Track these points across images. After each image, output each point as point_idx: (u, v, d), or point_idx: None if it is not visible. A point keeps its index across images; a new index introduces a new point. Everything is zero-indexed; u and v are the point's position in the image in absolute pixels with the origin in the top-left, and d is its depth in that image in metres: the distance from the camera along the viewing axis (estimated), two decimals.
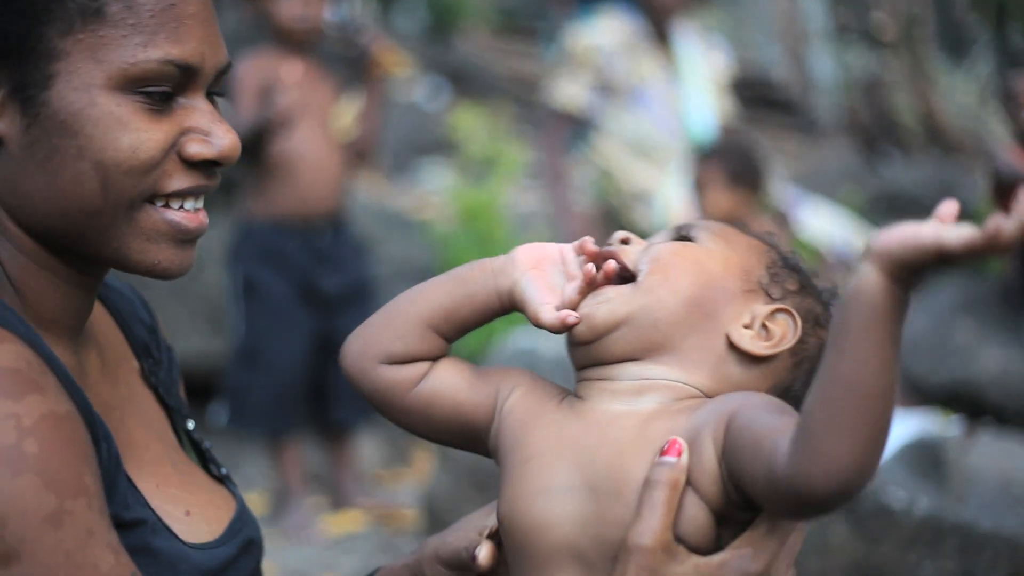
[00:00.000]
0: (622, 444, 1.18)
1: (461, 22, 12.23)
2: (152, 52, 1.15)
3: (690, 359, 1.23)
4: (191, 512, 1.24)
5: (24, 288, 1.19)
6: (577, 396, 1.24)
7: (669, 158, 4.84)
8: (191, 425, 1.37)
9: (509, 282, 1.24)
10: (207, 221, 1.23)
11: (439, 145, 8.01)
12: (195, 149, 1.18)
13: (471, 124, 4.80)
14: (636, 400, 1.21)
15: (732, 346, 1.24)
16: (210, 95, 1.21)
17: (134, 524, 1.16)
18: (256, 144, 3.38)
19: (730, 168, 4.25)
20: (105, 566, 1.06)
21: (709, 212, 4.10)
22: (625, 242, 1.27)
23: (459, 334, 1.27)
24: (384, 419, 4.01)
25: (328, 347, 3.57)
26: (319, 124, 3.62)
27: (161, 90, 1.16)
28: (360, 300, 3.64)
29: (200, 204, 1.22)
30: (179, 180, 1.18)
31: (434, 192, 6.82)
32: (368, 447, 4.07)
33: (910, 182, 6.26)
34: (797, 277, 1.30)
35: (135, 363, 1.33)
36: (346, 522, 3.67)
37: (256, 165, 3.49)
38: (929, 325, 4.96)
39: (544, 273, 1.25)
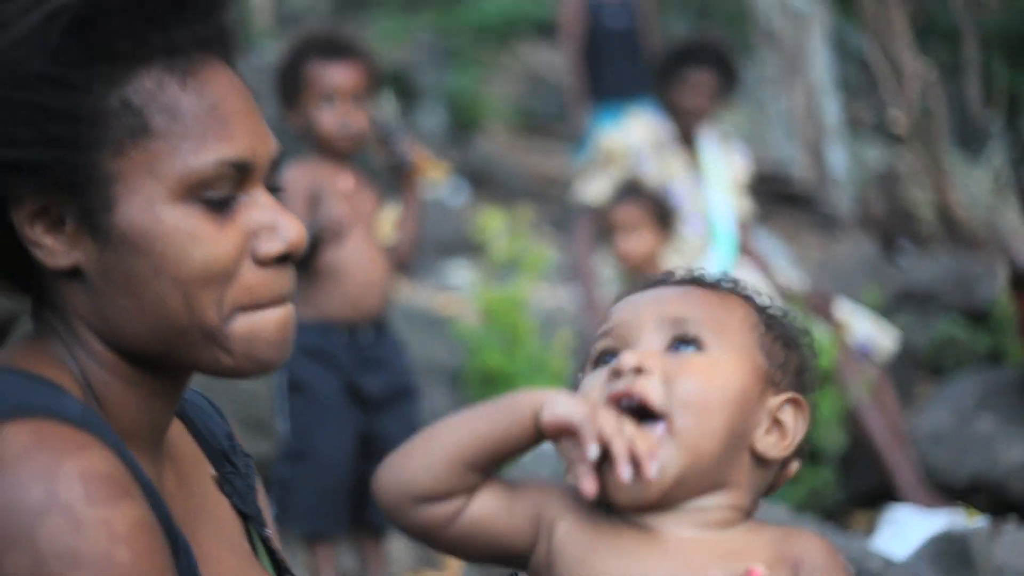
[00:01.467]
0: (707, 569, 1.19)
1: (481, 121, 12.39)
2: (204, 156, 1.14)
3: (733, 482, 1.23)
4: None
5: (107, 402, 1.19)
6: (636, 523, 1.23)
7: (695, 255, 4.94)
8: (268, 533, 1.36)
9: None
10: (294, 314, 1.23)
11: (462, 243, 8.09)
12: (267, 248, 1.17)
13: (494, 222, 4.89)
14: (704, 529, 1.22)
15: (756, 455, 1.26)
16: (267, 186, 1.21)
17: None
18: (308, 252, 3.45)
19: (655, 208, 4.39)
20: None
21: (638, 252, 4.27)
22: (639, 370, 1.23)
23: (496, 468, 1.24)
24: None
25: (369, 447, 3.63)
26: (365, 231, 3.68)
27: (222, 195, 1.16)
28: (402, 401, 3.69)
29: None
30: (259, 286, 1.18)
31: (459, 291, 6.89)
32: (399, 548, 4.08)
33: (928, 276, 6.30)
34: (782, 335, 1.30)
35: (210, 471, 1.32)
36: None
37: (305, 270, 3.56)
38: (950, 418, 4.96)
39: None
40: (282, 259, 1.18)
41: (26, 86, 1.09)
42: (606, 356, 1.28)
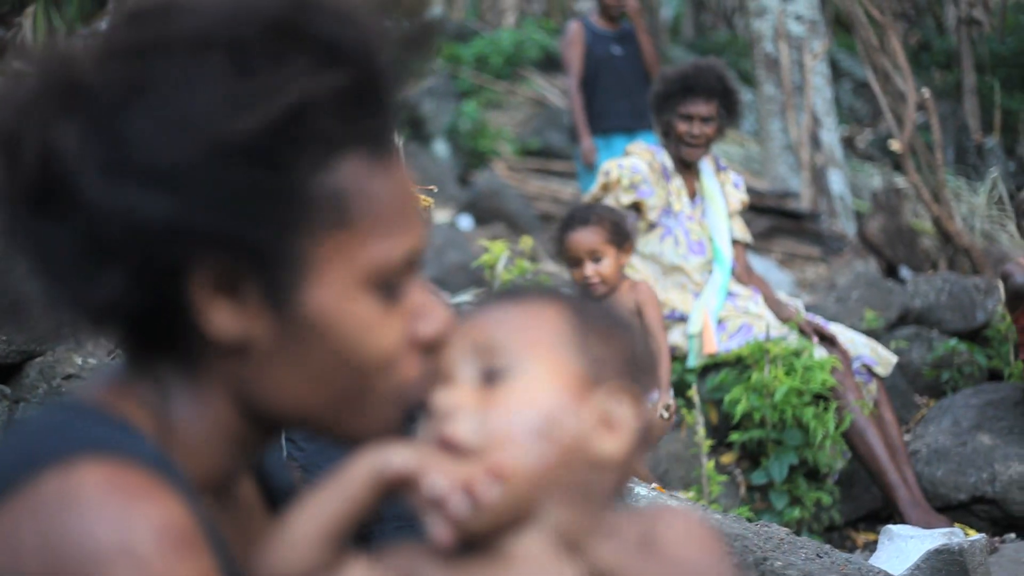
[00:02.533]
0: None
1: (487, 154, 12.48)
2: (396, 247, 1.13)
3: (577, 490, 1.20)
4: None
5: (190, 449, 1.16)
6: (495, 549, 1.20)
7: (697, 280, 5.04)
8: None
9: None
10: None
11: (468, 270, 8.18)
12: (424, 331, 1.17)
13: (495, 252, 4.96)
14: (555, 541, 1.19)
15: (596, 456, 1.21)
16: None
17: None
18: None
19: (612, 228, 4.33)
20: None
21: (609, 277, 4.27)
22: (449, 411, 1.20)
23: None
24: None
25: None
26: None
27: (396, 281, 1.14)
28: (405, 428, 3.74)
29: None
30: (415, 368, 1.18)
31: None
32: None
33: (927, 297, 6.38)
34: (596, 328, 1.25)
35: (267, 518, 1.29)
36: None
37: None
38: (950, 436, 5.03)
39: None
40: (437, 340, 1.18)
41: (238, 161, 1.07)
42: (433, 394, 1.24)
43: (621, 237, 4.33)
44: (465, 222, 10.26)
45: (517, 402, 1.19)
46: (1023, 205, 4.97)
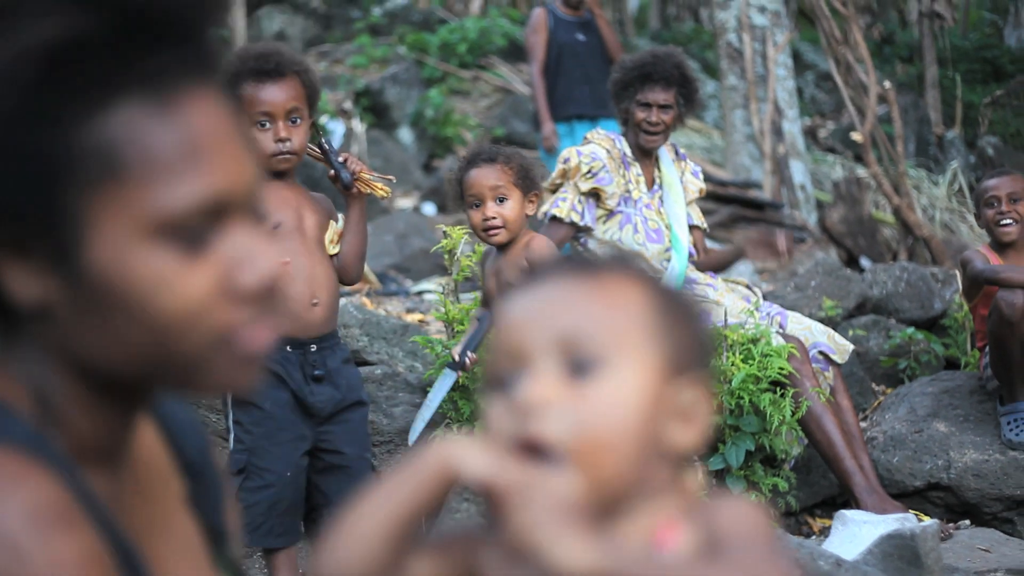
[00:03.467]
0: None
1: (452, 140, 12.46)
2: (185, 192, 1.06)
3: (650, 485, 1.19)
4: None
5: (67, 420, 1.11)
6: None
7: (655, 265, 5.04)
8: (231, 549, 1.29)
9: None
10: (272, 339, 1.17)
11: (430, 255, 8.17)
12: (242, 281, 1.10)
13: (455, 238, 4.93)
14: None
15: (670, 448, 1.20)
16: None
17: None
18: None
19: (519, 171, 4.05)
20: None
21: (512, 222, 4.01)
22: (535, 407, 1.16)
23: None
24: None
25: (320, 460, 3.67)
26: (311, 247, 3.69)
27: (195, 232, 1.07)
28: (352, 414, 3.69)
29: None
30: (237, 318, 1.11)
31: (428, 303, 6.96)
32: None
33: (886, 286, 6.41)
34: (679, 313, 1.23)
35: (177, 482, 1.25)
36: None
37: None
38: (906, 423, 5.06)
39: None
40: (261, 289, 1.11)
41: None
42: (503, 379, 1.20)
43: (529, 183, 4.05)
44: (429, 209, 10.24)
45: (610, 400, 1.15)
46: (983, 195, 5.01)
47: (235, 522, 1.32)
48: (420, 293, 7.31)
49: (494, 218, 4.00)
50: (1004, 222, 4.93)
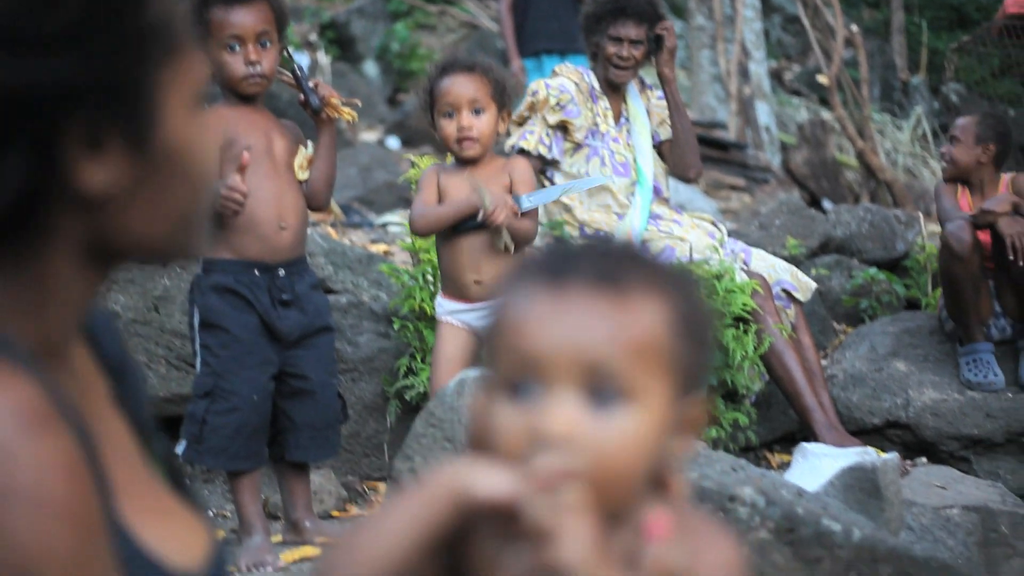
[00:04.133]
0: None
1: (418, 75, 12.36)
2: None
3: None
4: (169, 538, 1.18)
5: (34, 318, 1.12)
6: None
7: (622, 201, 5.04)
8: (161, 446, 1.30)
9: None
10: None
11: (394, 188, 8.14)
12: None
13: (421, 168, 4.89)
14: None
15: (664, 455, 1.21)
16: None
17: (119, 556, 1.10)
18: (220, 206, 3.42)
19: (500, 88, 3.94)
20: None
21: (486, 137, 3.90)
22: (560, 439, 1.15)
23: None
24: (342, 460, 4.04)
25: (286, 385, 3.67)
26: (280, 172, 3.68)
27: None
28: (318, 340, 3.69)
29: None
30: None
31: (390, 232, 6.95)
32: (324, 483, 4.11)
33: (849, 227, 6.45)
34: (696, 329, 1.21)
35: (102, 382, 1.24)
36: (302, 558, 3.66)
37: (219, 222, 3.53)
38: (867, 361, 5.11)
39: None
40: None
41: (71, 5, 1.05)
42: (515, 385, 1.17)
43: (504, 97, 3.92)
44: (393, 143, 10.19)
45: (630, 436, 1.15)
46: (948, 129, 5.02)
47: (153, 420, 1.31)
48: (384, 225, 7.29)
49: (470, 129, 3.87)
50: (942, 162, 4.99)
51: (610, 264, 1.19)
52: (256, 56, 3.59)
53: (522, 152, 4.92)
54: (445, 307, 4.00)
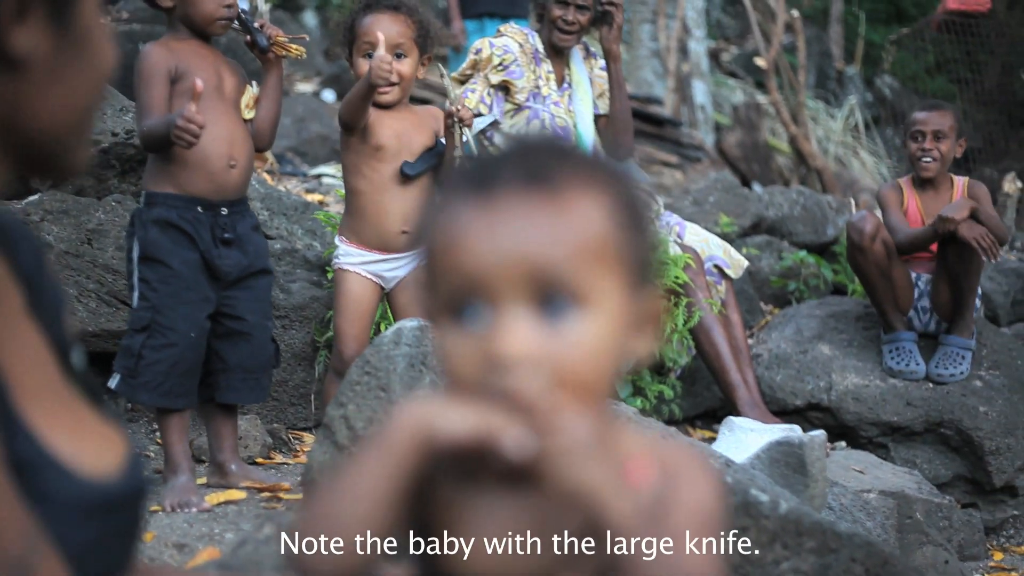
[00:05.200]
0: None
1: None
2: None
3: (609, 390, 1.17)
4: (82, 446, 1.16)
5: None
6: None
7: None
8: (78, 359, 1.27)
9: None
10: None
11: (328, 140, 8.08)
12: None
13: None
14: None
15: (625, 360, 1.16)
16: None
17: (23, 458, 1.09)
18: (168, 136, 3.37)
19: (424, 32, 3.89)
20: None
21: (407, 80, 3.89)
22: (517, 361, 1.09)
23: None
24: (268, 407, 4.00)
25: (221, 325, 3.63)
26: (228, 111, 3.64)
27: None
28: (257, 281, 3.66)
29: None
30: None
31: (324, 183, 6.90)
32: (250, 428, 4.07)
33: (780, 209, 6.50)
34: (636, 220, 1.15)
35: (15, 291, 1.20)
36: (227, 500, 3.63)
37: (167, 152, 3.48)
38: (792, 343, 5.16)
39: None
40: None
41: None
42: (461, 308, 1.11)
43: (427, 43, 3.87)
44: (328, 95, 10.10)
45: (589, 343, 1.09)
46: (911, 127, 4.98)
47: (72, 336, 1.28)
48: (318, 176, 7.23)
49: (390, 72, 3.77)
50: (925, 159, 4.94)
51: (537, 163, 1.12)
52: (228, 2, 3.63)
53: None
54: (353, 256, 3.97)
